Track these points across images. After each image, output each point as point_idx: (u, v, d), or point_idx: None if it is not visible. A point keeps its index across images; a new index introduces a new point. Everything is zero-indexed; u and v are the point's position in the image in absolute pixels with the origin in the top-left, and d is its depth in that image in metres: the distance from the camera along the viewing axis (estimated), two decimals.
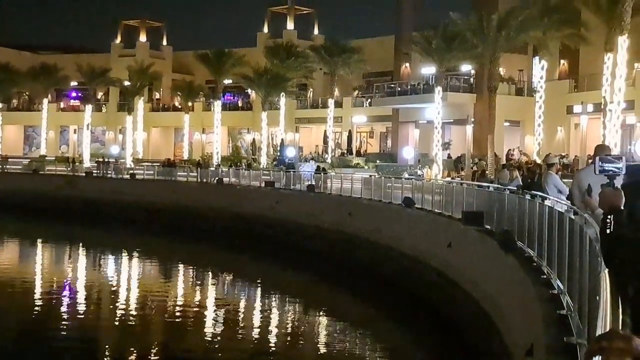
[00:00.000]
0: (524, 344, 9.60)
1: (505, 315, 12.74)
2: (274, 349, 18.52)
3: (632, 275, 3.75)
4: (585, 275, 7.58)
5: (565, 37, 40.95)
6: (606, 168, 5.25)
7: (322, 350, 18.60)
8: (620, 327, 2.90)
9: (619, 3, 33.92)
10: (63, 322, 20.74)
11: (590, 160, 11.87)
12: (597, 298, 4.61)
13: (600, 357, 1.75)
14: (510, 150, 42.99)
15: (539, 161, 30.22)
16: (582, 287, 7.85)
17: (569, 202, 10.59)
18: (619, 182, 6.36)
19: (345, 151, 55.73)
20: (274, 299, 25.09)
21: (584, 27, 38.69)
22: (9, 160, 57.75)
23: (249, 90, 61.43)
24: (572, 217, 9.44)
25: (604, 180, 8.52)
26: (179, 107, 66.65)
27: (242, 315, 22.68)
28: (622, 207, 6.17)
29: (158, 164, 52.40)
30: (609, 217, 6.11)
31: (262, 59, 56.37)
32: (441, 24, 42.93)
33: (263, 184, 37.92)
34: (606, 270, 4.04)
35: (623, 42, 34.26)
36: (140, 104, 63.38)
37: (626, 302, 3.48)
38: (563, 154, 37.06)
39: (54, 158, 60.30)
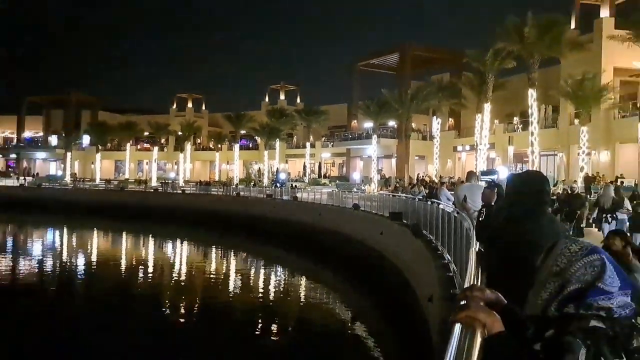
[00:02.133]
0: (427, 295, 9.52)
1: (416, 277, 12.67)
2: (271, 299, 18.48)
3: (494, 248, 3.54)
4: (463, 251, 7.60)
5: (452, 104, 41.51)
6: (484, 178, 5.46)
7: (302, 300, 18.60)
8: (479, 283, 2.95)
9: (485, 84, 34.54)
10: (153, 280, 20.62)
11: (465, 180, 12.04)
12: (468, 265, 4.51)
13: (464, 301, 1.66)
14: (419, 174, 43.31)
15: (436, 180, 30.53)
16: (461, 259, 7.87)
17: (454, 206, 10.79)
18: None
19: (317, 175, 55.87)
20: (271, 268, 24.94)
21: (464, 98, 39.19)
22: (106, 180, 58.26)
23: (257, 137, 61.35)
24: (455, 215, 9.60)
25: (475, 193, 8.78)
26: (212, 148, 66.61)
27: (251, 279, 22.55)
28: (492, 204, 6.36)
29: (199, 184, 52.33)
30: (482, 210, 6.28)
31: (264, 118, 56.39)
32: (376, 96, 43.26)
33: (265, 196, 37.85)
34: (473, 247, 3.99)
35: (487, 107, 34.83)
36: (188, 146, 63.03)
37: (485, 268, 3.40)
38: (451, 176, 37.43)
39: (133, 180, 59.88)
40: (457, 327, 1.57)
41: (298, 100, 68.57)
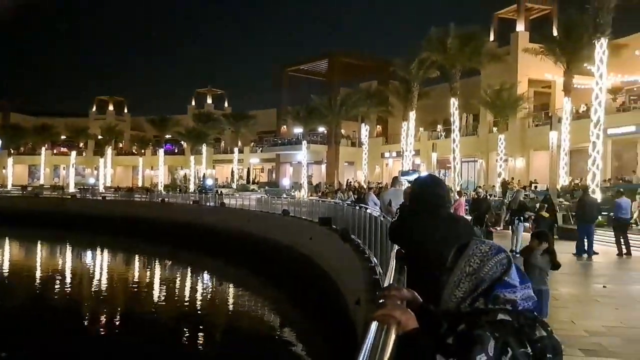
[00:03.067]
0: (355, 298, 9.59)
1: (344, 281, 12.80)
2: (198, 308, 18.07)
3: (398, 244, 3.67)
4: (388, 253, 7.81)
5: (380, 111, 42.58)
6: (404, 179, 5.62)
7: (230, 308, 18.33)
8: (396, 283, 3.05)
9: (411, 92, 35.67)
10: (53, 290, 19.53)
11: (390, 185, 12.40)
12: (389, 265, 4.65)
13: (383, 299, 1.75)
14: (348, 179, 43.97)
15: (364, 186, 31.11)
16: (387, 261, 8.08)
17: (380, 210, 11.04)
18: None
19: (245, 181, 55.35)
20: (198, 275, 24.45)
21: (391, 106, 40.29)
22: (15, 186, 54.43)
23: (182, 142, 59.98)
24: (382, 219, 9.83)
25: (399, 196, 9.04)
26: (135, 152, 64.44)
27: (177, 288, 21.96)
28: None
29: (118, 190, 50.53)
30: (397, 210, 6.46)
31: (190, 122, 55.37)
32: (306, 102, 43.48)
33: (191, 202, 37.06)
34: (396, 248, 4.07)
35: (412, 115, 35.98)
36: (109, 151, 60.50)
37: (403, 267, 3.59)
38: (379, 182, 38.30)
39: (49, 186, 56.64)
40: (374, 325, 1.63)
41: (226, 104, 67.85)
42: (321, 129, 47.77)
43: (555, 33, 29.40)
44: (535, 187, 29.14)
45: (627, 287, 10.03)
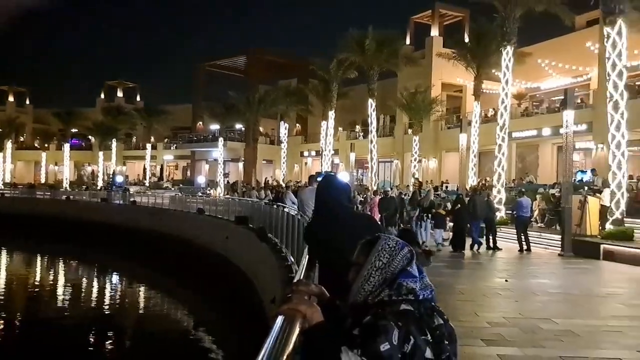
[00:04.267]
0: (270, 296, 9.66)
1: (260, 280, 12.83)
2: (106, 310, 17.34)
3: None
4: (303, 252, 7.92)
5: (299, 110, 42.79)
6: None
7: (141, 310, 17.76)
8: (305, 279, 3.10)
9: (330, 92, 36.17)
10: None
11: (307, 184, 12.57)
12: (301, 262, 4.70)
13: (290, 295, 1.80)
14: (266, 178, 43.83)
15: (283, 185, 31.21)
16: (302, 259, 8.21)
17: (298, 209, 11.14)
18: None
19: (158, 178, 53.73)
20: (106, 276, 23.47)
21: (310, 105, 40.62)
22: None
23: (90, 137, 57.13)
24: (299, 218, 9.94)
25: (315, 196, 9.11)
26: (38, 147, 60.56)
27: (83, 290, 20.94)
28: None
29: (22, 187, 47.27)
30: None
31: (99, 116, 53.03)
32: (223, 98, 42.85)
33: (99, 200, 35.47)
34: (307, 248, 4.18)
35: (332, 115, 36.51)
36: (8, 144, 56.54)
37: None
38: (297, 181, 38.54)
39: None
40: (279, 319, 1.69)
41: (138, 98, 65.35)
42: (239, 126, 47.30)
43: (467, 39, 30.97)
44: (447, 187, 30.57)
45: (526, 280, 10.81)
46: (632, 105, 17.94)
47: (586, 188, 18.23)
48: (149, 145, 51.85)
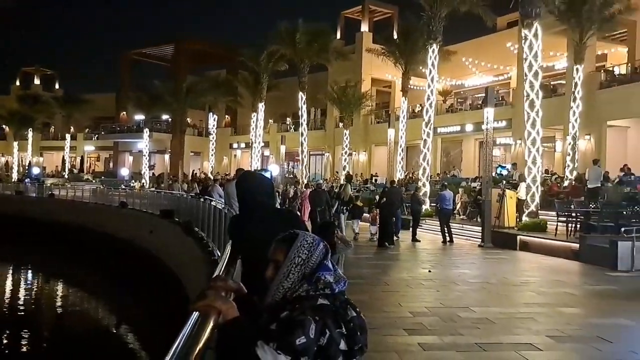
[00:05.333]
0: (196, 292, 9.53)
1: (186, 275, 12.58)
2: (21, 310, 16.42)
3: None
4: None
5: (228, 101, 42.20)
6: (261, 173, 5.75)
7: (60, 308, 16.95)
8: (225, 275, 3.13)
9: (260, 84, 35.90)
10: None
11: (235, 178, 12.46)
12: (222, 258, 4.54)
13: (208, 290, 1.78)
14: (193, 170, 42.94)
15: (211, 177, 30.73)
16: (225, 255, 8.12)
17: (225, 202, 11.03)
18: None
19: (78, 170, 51.34)
20: (20, 273, 22.24)
21: (240, 96, 40.10)
22: None
23: (4, 126, 53.64)
24: (226, 212, 9.86)
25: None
26: None
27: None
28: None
29: None
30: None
31: (14, 104, 49.79)
32: (149, 88, 41.40)
33: (14, 193, 33.47)
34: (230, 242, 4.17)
35: (262, 107, 36.32)
36: None
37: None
38: (226, 173, 38.01)
39: None
40: (194, 315, 1.72)
41: (57, 86, 62.00)
42: (165, 117, 46.02)
43: (395, 36, 31.68)
44: (376, 180, 31.28)
45: (448, 271, 11.27)
46: (547, 104, 19.12)
47: (504, 182, 19.21)
48: (68, 136, 49.38)
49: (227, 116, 49.07)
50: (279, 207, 12.70)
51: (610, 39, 26.45)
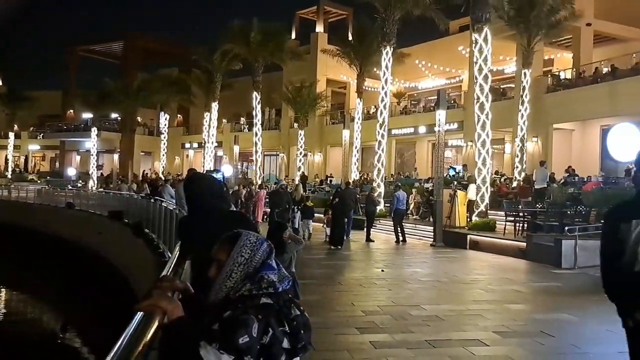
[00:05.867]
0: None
1: (136, 277, 12.33)
2: None
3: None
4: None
5: (181, 100, 41.56)
6: (213, 175, 5.69)
7: (1, 315, 16.27)
8: (172, 275, 3.12)
9: (213, 83, 35.51)
10: None
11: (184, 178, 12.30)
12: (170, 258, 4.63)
13: (154, 290, 1.81)
14: (144, 171, 42.02)
15: (162, 177, 30.19)
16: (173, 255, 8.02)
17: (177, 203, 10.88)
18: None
19: (23, 170, 49.38)
20: None
21: (193, 95, 39.58)
22: None
23: None
24: (177, 212, 9.72)
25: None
26: None
27: None
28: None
29: None
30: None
31: None
32: (98, 85, 40.26)
33: None
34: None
35: (215, 106, 35.95)
36: None
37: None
38: (178, 174, 37.43)
39: None
40: (138, 315, 1.71)
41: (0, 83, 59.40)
42: (115, 116, 44.87)
43: (350, 37, 31.97)
44: (331, 180, 31.47)
45: (400, 270, 11.49)
46: (497, 107, 19.73)
47: (455, 183, 19.70)
48: (11, 134, 47.48)
49: (179, 115, 48.30)
50: (232, 208, 12.68)
51: (557, 44, 27.56)
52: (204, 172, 18.19)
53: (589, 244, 11.46)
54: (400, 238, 16.13)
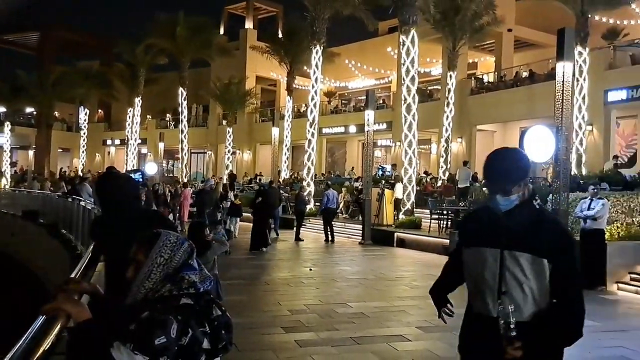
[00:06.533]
0: None
1: (52, 280, 11.84)
2: None
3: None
4: None
5: (102, 94, 40.01)
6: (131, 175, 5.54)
7: None
8: (79, 277, 3.05)
9: (137, 77, 34.41)
10: None
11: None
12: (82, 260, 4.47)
13: (59, 292, 1.78)
14: (61, 168, 40.00)
15: (81, 175, 28.96)
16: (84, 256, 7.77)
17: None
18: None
19: None
20: None
21: (115, 90, 38.17)
22: None
23: None
24: (96, 212, 9.36)
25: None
26: None
27: None
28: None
29: None
30: None
31: None
32: (10, 78, 37.97)
33: None
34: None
35: (139, 101, 34.89)
36: None
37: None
38: (99, 171, 35.80)
39: None
40: (40, 319, 1.69)
41: None
42: (30, 110, 42.45)
43: (280, 35, 31.95)
44: (260, 179, 31.31)
45: (328, 268, 11.62)
46: (424, 108, 20.38)
47: (384, 182, 20.17)
48: None
49: (100, 110, 46.48)
50: (154, 207, 12.35)
51: (480, 48, 28.81)
52: (126, 170, 17.65)
53: None
54: (330, 237, 16.30)
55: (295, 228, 16.78)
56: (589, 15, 18.35)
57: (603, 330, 6.77)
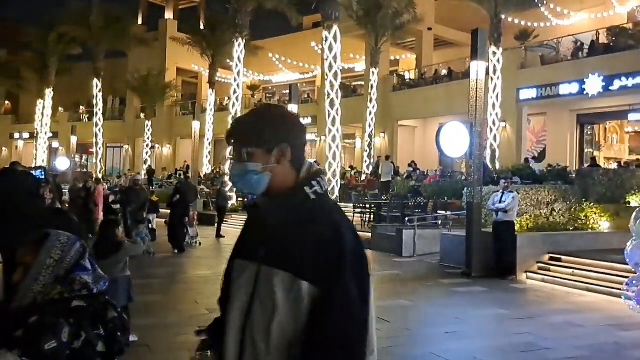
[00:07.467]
0: None
1: None
2: None
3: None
4: None
5: (9, 85, 37.67)
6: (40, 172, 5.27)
7: None
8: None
9: (48, 67, 32.65)
10: None
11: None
12: None
13: None
14: None
15: None
16: None
17: None
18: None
19: None
20: None
21: (23, 80, 36.02)
22: None
23: None
24: None
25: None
26: None
27: None
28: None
29: None
30: None
31: None
32: None
33: None
34: None
35: (50, 93, 33.13)
36: None
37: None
38: (4, 168, 33.62)
39: None
40: None
41: None
42: None
43: (202, 26, 31.27)
44: (180, 174, 30.58)
45: None
46: (348, 103, 20.66)
47: None
48: None
49: (7, 102, 43.65)
50: (58, 206, 11.65)
51: (402, 46, 29.56)
52: (33, 166, 16.75)
53: (427, 233, 12.55)
54: None
55: (216, 224, 16.50)
56: (503, 17, 19.25)
57: (512, 318, 7.14)
